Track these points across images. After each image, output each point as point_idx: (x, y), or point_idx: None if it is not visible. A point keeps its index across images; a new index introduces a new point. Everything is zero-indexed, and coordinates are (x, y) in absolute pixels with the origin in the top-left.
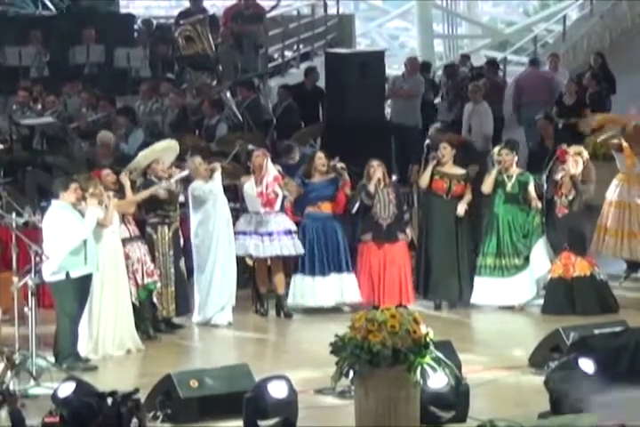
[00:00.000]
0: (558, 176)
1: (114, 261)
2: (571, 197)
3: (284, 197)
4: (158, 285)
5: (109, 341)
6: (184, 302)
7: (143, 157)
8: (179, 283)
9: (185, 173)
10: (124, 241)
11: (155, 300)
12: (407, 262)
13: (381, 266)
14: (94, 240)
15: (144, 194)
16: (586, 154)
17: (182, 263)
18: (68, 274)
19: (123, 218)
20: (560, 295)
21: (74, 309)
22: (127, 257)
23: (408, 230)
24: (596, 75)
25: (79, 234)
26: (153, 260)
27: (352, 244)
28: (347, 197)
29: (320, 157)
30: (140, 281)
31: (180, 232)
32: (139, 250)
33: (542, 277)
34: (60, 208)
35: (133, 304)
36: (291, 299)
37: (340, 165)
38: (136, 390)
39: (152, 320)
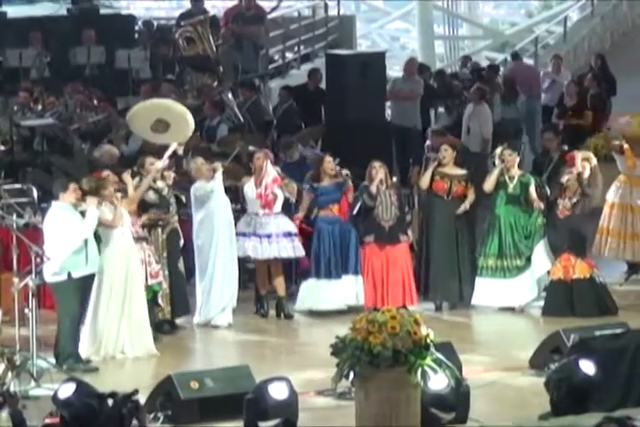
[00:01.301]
0: (564, 178)
1: (125, 263)
2: (574, 200)
3: (288, 200)
4: (164, 286)
5: (112, 343)
6: (182, 304)
7: (135, 114)
8: (175, 285)
9: (174, 145)
10: None
11: (160, 301)
12: (409, 264)
13: (384, 268)
14: (104, 242)
15: (143, 186)
16: (594, 161)
17: (181, 265)
18: (69, 274)
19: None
20: (560, 297)
21: (75, 309)
22: None
23: (409, 232)
24: (597, 76)
25: (80, 233)
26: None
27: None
28: (349, 204)
29: (329, 161)
30: (144, 282)
31: (181, 233)
32: (143, 251)
33: (542, 278)
34: (60, 209)
35: None
36: (301, 303)
37: (345, 172)
38: (135, 391)
39: (154, 321)
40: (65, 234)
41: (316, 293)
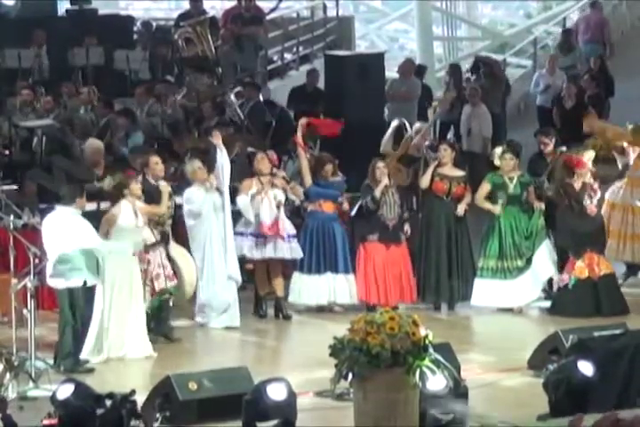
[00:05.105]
0: (587, 178)
1: (129, 268)
2: (597, 197)
3: (294, 203)
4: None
5: (116, 344)
6: None
7: None
8: None
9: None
10: (149, 247)
11: (171, 303)
12: (408, 263)
13: (386, 266)
14: (114, 241)
15: (165, 198)
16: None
17: None
18: (85, 282)
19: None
20: (586, 297)
21: (75, 310)
22: (148, 263)
23: (406, 227)
24: (595, 77)
25: (92, 242)
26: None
27: (351, 245)
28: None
29: (329, 169)
30: (157, 287)
31: (171, 237)
32: (160, 255)
33: (545, 279)
34: (72, 215)
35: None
36: (291, 297)
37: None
38: (132, 392)
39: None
40: (76, 239)
41: (299, 287)
